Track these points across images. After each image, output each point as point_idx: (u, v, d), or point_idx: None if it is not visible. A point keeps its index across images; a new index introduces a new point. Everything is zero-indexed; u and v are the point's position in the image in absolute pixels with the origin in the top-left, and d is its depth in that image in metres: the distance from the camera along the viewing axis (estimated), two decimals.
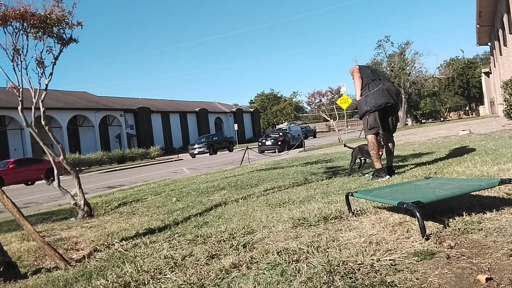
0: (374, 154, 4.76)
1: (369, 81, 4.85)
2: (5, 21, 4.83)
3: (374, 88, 4.77)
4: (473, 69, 53.66)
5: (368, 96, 4.77)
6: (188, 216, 4.17)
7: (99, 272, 2.52)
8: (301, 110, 71.75)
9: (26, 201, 10.05)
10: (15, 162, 18.76)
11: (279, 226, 2.93)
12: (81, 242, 3.72)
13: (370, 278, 1.75)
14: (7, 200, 3.01)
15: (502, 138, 7.80)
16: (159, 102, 48.98)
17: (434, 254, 1.93)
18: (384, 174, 4.65)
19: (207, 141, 30.48)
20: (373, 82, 4.82)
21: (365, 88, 4.84)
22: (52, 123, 29.36)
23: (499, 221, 2.28)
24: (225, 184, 6.62)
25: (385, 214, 2.81)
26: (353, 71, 5.02)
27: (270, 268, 2.02)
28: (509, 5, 14.15)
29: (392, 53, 41.93)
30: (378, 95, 4.73)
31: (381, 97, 4.71)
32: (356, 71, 4.98)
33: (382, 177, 4.59)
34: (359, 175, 5.21)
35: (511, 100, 13.50)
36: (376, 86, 4.78)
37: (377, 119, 4.71)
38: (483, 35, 24.19)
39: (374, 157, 4.76)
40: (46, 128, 5.44)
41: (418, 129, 25.66)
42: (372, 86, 4.78)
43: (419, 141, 11.15)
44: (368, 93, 4.78)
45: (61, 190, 5.47)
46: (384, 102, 4.71)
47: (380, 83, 4.80)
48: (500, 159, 4.49)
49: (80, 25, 5.39)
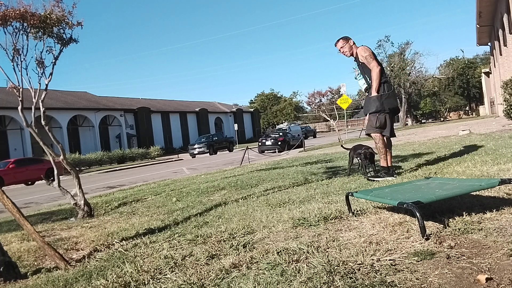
0: (382, 152, 4.66)
1: (384, 80, 4.68)
2: (5, 21, 4.83)
3: (390, 89, 4.71)
4: (473, 69, 53.67)
5: (383, 96, 4.62)
6: (188, 216, 4.17)
7: (99, 272, 2.52)
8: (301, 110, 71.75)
9: (26, 201, 10.05)
10: (15, 162, 18.76)
11: (279, 226, 2.93)
12: (81, 242, 3.72)
13: (370, 278, 1.75)
14: (7, 200, 3.01)
15: (502, 138, 7.80)
16: (159, 102, 48.98)
17: (434, 254, 1.93)
18: (391, 174, 4.61)
19: (207, 141, 30.48)
20: (388, 83, 4.75)
21: (381, 86, 4.64)
22: (52, 123, 29.36)
23: (499, 221, 2.28)
24: (225, 184, 6.62)
25: (385, 214, 2.81)
26: (369, 55, 4.65)
27: (270, 268, 2.02)
28: (509, 5, 14.15)
29: (392, 53, 41.92)
30: (394, 97, 4.82)
31: (395, 100, 4.86)
32: (373, 57, 4.68)
33: (390, 176, 4.51)
34: (359, 175, 5.21)
35: (511, 100, 13.50)
36: (391, 87, 4.77)
37: (387, 120, 4.66)
38: (483, 35, 24.19)
39: (382, 155, 4.66)
40: (46, 128, 5.43)
41: (418, 129, 25.65)
42: (388, 87, 4.70)
43: (419, 141, 11.14)
44: (384, 93, 4.64)
45: (61, 190, 5.47)
46: (397, 105, 4.89)
47: (391, 85, 4.83)
48: (500, 159, 4.49)
49: (80, 25, 5.39)
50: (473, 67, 54.30)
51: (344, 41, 4.89)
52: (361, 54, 4.72)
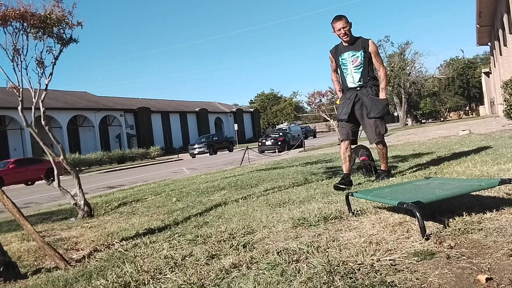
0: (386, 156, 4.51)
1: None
2: (5, 21, 4.83)
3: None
4: (473, 69, 53.69)
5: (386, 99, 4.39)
6: (188, 216, 4.17)
7: (99, 272, 2.52)
8: (301, 110, 71.75)
9: (26, 201, 10.05)
10: (15, 162, 18.78)
11: (279, 226, 2.93)
12: (81, 242, 3.72)
13: (370, 278, 1.75)
14: (7, 200, 3.01)
15: (502, 138, 7.80)
16: (159, 102, 48.98)
17: (434, 254, 1.93)
18: (392, 174, 4.53)
19: (207, 141, 30.50)
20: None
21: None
22: (52, 123, 29.35)
23: (499, 221, 2.28)
24: (225, 184, 6.62)
25: (385, 214, 2.81)
26: (377, 51, 4.32)
27: (270, 268, 2.02)
28: (509, 5, 14.14)
29: (392, 53, 41.99)
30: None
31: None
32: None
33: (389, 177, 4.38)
34: (359, 175, 5.21)
35: (511, 100, 13.50)
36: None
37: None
38: (483, 35, 24.19)
39: (386, 159, 4.47)
40: (46, 128, 5.43)
41: (418, 129, 25.65)
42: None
43: (419, 141, 11.14)
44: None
45: (61, 190, 5.47)
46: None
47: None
48: (500, 159, 4.49)
49: (80, 25, 5.39)
50: (473, 67, 54.32)
51: (347, 21, 4.27)
52: (374, 47, 4.30)
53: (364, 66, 4.24)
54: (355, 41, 4.30)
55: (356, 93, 4.30)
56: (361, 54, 4.23)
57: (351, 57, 4.29)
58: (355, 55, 4.27)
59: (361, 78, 4.27)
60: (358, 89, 4.29)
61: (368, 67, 4.26)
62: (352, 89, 4.33)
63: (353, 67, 4.28)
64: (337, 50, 4.41)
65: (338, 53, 4.39)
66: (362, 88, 4.28)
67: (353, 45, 4.28)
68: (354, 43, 4.29)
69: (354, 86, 4.32)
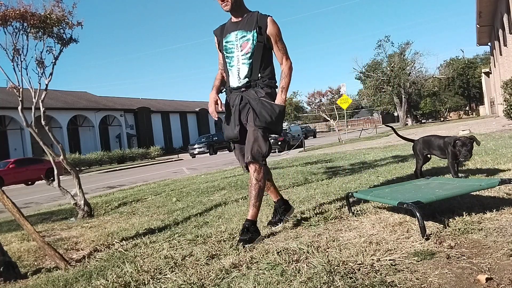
0: (265, 189, 2.96)
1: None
2: (5, 21, 4.83)
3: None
4: (473, 69, 53.63)
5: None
6: (188, 216, 4.17)
7: (99, 272, 2.52)
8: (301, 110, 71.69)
9: (26, 201, 10.05)
10: (15, 162, 18.77)
11: (279, 226, 2.94)
12: (81, 242, 3.72)
13: (370, 278, 1.75)
14: (7, 200, 3.01)
15: (502, 138, 7.80)
16: (159, 102, 48.97)
17: (434, 254, 1.93)
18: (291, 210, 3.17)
19: (207, 141, 30.47)
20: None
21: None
22: (52, 123, 29.36)
23: (499, 221, 2.28)
24: (225, 184, 6.62)
25: (385, 214, 2.81)
26: (279, 34, 2.83)
27: (270, 268, 2.02)
28: (509, 5, 14.15)
29: (392, 53, 41.94)
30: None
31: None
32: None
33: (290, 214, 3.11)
34: (359, 175, 5.20)
35: (511, 100, 13.50)
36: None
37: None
38: (483, 35, 24.20)
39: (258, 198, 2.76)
40: (46, 128, 5.43)
41: (418, 129, 25.64)
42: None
43: None
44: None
45: (61, 190, 5.47)
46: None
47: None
48: (500, 159, 4.49)
49: (80, 25, 5.40)
50: (473, 67, 54.26)
51: None
52: (276, 28, 2.80)
53: (256, 56, 2.79)
54: (246, 17, 2.85)
55: (241, 95, 2.84)
56: (253, 37, 2.77)
57: (240, 39, 2.83)
58: (245, 37, 2.81)
59: (249, 73, 2.81)
60: (243, 90, 2.84)
61: (262, 58, 2.80)
62: (236, 90, 2.87)
63: (241, 56, 2.82)
64: (223, 30, 2.94)
65: (224, 33, 2.92)
66: (248, 89, 2.82)
67: (245, 23, 2.83)
68: (245, 20, 2.84)
69: (238, 85, 2.85)
